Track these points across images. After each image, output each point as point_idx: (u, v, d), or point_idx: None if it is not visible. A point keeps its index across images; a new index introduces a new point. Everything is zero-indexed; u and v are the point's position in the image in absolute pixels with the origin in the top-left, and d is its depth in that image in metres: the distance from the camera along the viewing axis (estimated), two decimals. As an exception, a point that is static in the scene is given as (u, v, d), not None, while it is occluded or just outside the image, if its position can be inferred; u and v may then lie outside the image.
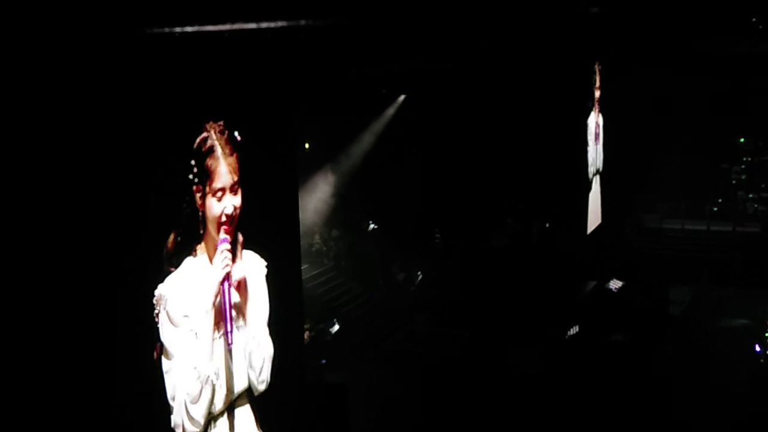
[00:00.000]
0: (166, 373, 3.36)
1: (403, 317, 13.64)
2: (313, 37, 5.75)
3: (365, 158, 15.29)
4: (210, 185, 3.48)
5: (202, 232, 3.50)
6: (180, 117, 3.71)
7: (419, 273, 14.71)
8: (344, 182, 15.15)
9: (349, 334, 12.66)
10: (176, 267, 3.49)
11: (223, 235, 3.40)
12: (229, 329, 3.32)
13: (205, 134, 3.47)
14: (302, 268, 7.43)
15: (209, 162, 3.47)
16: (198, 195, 3.47)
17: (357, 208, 15.48)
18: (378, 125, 15.51)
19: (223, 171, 3.48)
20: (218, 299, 3.35)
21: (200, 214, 3.50)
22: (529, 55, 11.96)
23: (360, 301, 14.26)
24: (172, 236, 3.49)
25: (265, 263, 3.79)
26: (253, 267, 3.78)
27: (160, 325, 3.38)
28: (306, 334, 10.14)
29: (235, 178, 3.49)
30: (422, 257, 14.97)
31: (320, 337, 11.82)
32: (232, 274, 3.52)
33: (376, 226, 15.77)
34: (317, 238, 15.09)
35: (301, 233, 6.60)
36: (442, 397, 9.80)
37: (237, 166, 3.52)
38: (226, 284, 3.47)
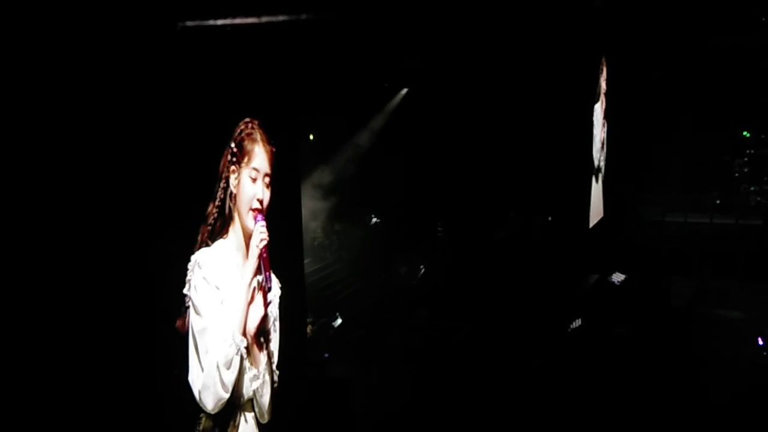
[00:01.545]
0: (200, 332, 3.46)
1: (406, 311, 13.66)
2: (315, 31, 5.76)
3: (367, 152, 15.29)
4: (247, 164, 3.65)
5: (234, 213, 3.64)
6: (210, 111, 3.79)
7: (422, 266, 14.72)
8: (344, 177, 15.15)
9: (352, 328, 12.68)
10: (211, 242, 3.62)
11: (258, 216, 3.58)
12: (267, 276, 3.48)
13: (244, 124, 3.66)
14: (305, 262, 7.44)
15: (247, 144, 3.68)
16: (234, 176, 3.62)
17: (359, 201, 15.49)
18: (380, 119, 15.51)
19: (260, 153, 3.70)
20: (260, 269, 3.51)
21: (233, 195, 3.65)
22: (535, 48, 11.96)
23: (363, 295, 14.27)
24: (210, 206, 3.61)
25: (279, 285, 3.90)
26: (274, 282, 3.86)
27: (192, 288, 3.48)
28: (309, 329, 10.16)
29: (269, 170, 3.69)
30: (425, 251, 14.98)
31: (323, 331, 11.84)
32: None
33: (378, 220, 15.78)
34: (319, 231, 15.10)
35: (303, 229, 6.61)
36: (444, 390, 9.82)
37: (272, 159, 3.72)
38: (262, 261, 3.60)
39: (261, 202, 3.61)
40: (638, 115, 15.93)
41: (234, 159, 3.66)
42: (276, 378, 3.77)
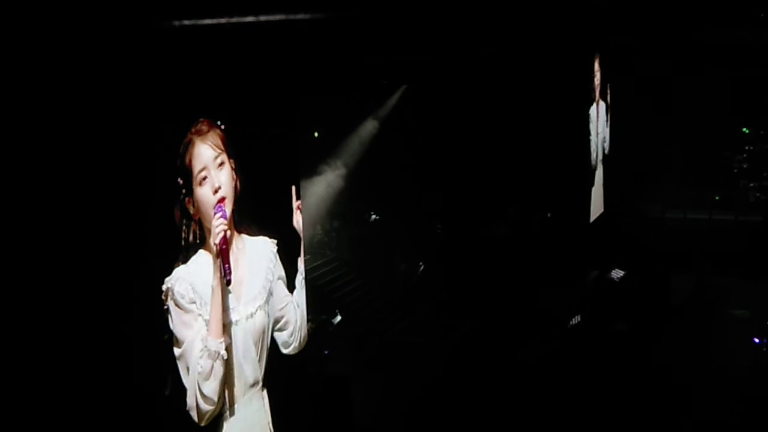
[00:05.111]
0: (178, 359, 3.40)
1: (406, 308, 13.66)
2: (313, 29, 5.76)
3: (366, 149, 15.28)
4: (194, 177, 3.43)
5: (199, 241, 3.50)
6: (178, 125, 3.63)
7: (421, 263, 14.72)
8: (346, 173, 15.15)
9: (352, 325, 12.69)
10: (184, 262, 3.51)
11: (217, 208, 3.38)
12: (227, 268, 3.32)
13: (188, 135, 3.45)
14: (304, 258, 7.43)
15: (187, 157, 3.43)
16: (190, 205, 3.43)
17: (358, 198, 15.47)
18: (378, 116, 15.49)
19: (201, 150, 3.44)
20: (219, 264, 3.35)
21: (197, 225, 3.48)
22: (531, 44, 11.95)
23: (362, 292, 14.27)
24: (176, 265, 3.48)
25: (275, 241, 3.79)
26: (261, 246, 3.78)
27: (169, 316, 3.41)
28: (308, 325, 10.15)
29: (217, 152, 3.43)
30: (424, 247, 14.97)
31: (322, 328, 11.84)
32: (233, 252, 3.53)
33: (377, 217, 15.76)
34: (318, 229, 15.09)
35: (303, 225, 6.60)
36: (444, 387, 9.83)
37: (218, 141, 3.46)
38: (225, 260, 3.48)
39: (218, 190, 3.44)
40: (636, 111, 15.91)
41: (184, 191, 3.48)
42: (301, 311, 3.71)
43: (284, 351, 3.82)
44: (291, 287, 3.94)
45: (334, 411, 8.26)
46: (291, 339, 3.73)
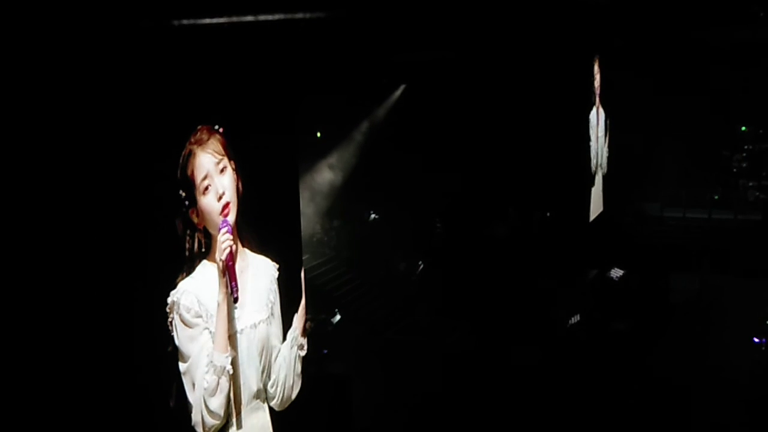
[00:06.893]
0: (183, 375, 3.36)
1: (405, 307, 13.66)
2: (312, 28, 5.75)
3: (365, 148, 15.28)
4: (196, 188, 3.39)
5: (204, 250, 3.47)
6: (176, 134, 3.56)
7: (420, 263, 14.72)
8: (345, 172, 15.16)
9: (351, 325, 12.69)
10: (189, 273, 3.47)
11: (222, 219, 3.36)
12: (234, 285, 3.30)
13: (188, 146, 3.42)
14: (303, 258, 7.44)
15: (189, 168, 3.40)
16: (194, 215, 3.41)
17: (358, 198, 15.47)
18: (378, 115, 15.49)
19: (201, 160, 3.39)
20: (225, 280, 3.33)
21: (203, 234, 3.45)
22: (531, 46, 11.95)
23: (361, 291, 14.27)
24: (180, 277, 3.45)
25: (277, 266, 3.78)
26: (264, 267, 3.76)
27: (173, 331, 3.37)
28: (307, 325, 10.14)
29: (218, 158, 3.40)
30: (423, 247, 14.97)
31: (322, 327, 11.84)
32: (239, 264, 3.50)
33: (376, 216, 15.76)
34: (318, 228, 15.09)
35: (301, 224, 6.61)
36: (443, 387, 9.83)
37: (219, 147, 3.43)
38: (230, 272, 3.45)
39: (222, 196, 3.41)
40: (635, 111, 15.90)
41: (187, 203, 3.45)
42: (291, 360, 3.69)
43: (269, 403, 3.79)
44: (283, 336, 3.91)
45: (334, 411, 8.26)
46: (272, 390, 3.69)
